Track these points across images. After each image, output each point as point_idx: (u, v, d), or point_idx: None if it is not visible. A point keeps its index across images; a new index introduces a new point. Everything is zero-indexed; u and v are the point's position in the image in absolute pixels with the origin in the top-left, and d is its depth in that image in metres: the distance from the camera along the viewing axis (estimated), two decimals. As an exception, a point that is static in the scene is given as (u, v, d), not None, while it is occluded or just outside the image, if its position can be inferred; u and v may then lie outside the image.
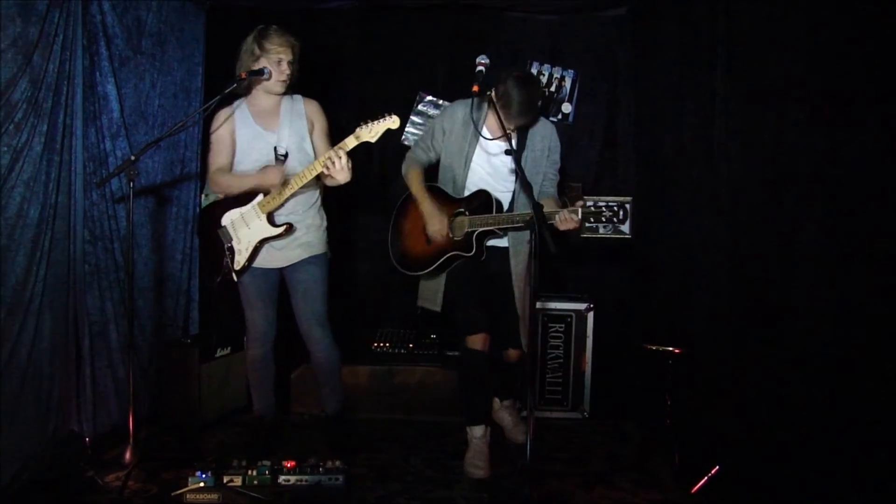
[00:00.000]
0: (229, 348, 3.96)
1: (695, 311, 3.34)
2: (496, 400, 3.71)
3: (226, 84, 3.13)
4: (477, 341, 3.20)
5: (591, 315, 3.98)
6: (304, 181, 3.06)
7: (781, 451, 2.54)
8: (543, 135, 3.28)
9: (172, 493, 2.86)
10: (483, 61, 3.01)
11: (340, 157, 2.94)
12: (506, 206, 3.27)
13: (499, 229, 3.16)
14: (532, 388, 2.80)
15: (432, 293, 3.38)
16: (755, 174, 2.78)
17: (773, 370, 2.62)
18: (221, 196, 3.31)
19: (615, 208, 2.71)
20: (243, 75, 3.10)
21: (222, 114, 3.23)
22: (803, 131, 2.44)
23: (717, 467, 2.88)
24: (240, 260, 3.22)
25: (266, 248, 3.23)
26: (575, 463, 3.36)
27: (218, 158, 3.25)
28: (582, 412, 3.99)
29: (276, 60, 3.13)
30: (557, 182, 3.37)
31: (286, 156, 3.18)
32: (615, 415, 3.97)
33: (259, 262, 3.25)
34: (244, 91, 3.25)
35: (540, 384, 3.99)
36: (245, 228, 3.21)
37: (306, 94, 3.37)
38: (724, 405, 2.97)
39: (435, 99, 4.40)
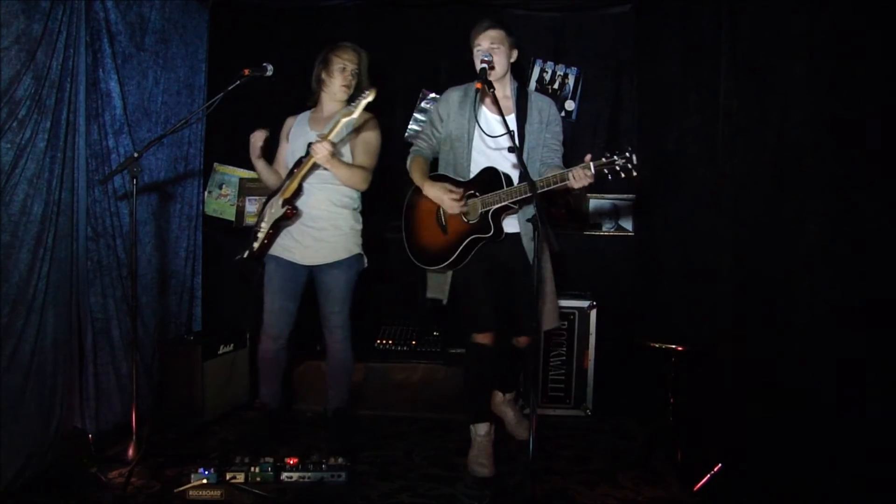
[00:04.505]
0: (232, 345, 3.96)
1: (698, 309, 3.33)
2: (498, 393, 3.64)
3: (229, 80, 3.15)
4: (484, 338, 3.16)
5: (593, 313, 3.98)
6: (306, 168, 3.23)
7: (784, 448, 2.54)
8: (541, 108, 3.25)
9: (175, 490, 2.87)
10: (486, 59, 3.01)
11: (322, 144, 3.10)
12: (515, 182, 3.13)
13: (513, 203, 3.05)
14: (535, 385, 2.78)
15: (440, 283, 3.30)
16: (759, 172, 2.77)
17: (776, 368, 2.61)
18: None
19: (627, 154, 2.71)
20: (246, 72, 3.17)
21: (289, 119, 3.55)
22: (807, 129, 2.43)
23: (720, 465, 2.88)
24: (258, 239, 3.39)
25: (294, 243, 3.36)
26: (578, 461, 3.36)
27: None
28: (585, 410, 3.99)
29: (340, 67, 3.36)
30: (562, 154, 3.29)
31: None
32: (618, 412, 3.98)
33: (287, 256, 3.37)
34: (316, 101, 3.50)
35: (543, 382, 3.99)
36: (271, 211, 3.39)
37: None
38: (726, 403, 2.97)
39: (438, 96, 4.38)
